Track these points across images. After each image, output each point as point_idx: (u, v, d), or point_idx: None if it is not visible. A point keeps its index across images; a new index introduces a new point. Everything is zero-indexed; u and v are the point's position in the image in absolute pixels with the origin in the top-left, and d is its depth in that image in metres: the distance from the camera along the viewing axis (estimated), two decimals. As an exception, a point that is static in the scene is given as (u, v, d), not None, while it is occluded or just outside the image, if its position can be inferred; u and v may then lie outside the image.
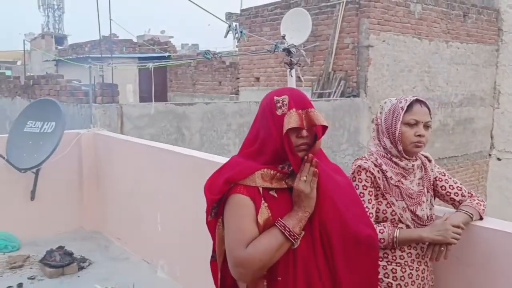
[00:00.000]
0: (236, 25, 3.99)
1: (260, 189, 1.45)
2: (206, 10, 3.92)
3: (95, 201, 5.02)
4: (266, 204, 1.45)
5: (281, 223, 1.41)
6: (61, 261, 4.00)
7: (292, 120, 1.42)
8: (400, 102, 1.90)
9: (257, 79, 10.09)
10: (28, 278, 3.89)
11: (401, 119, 1.87)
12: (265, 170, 1.46)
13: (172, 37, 24.52)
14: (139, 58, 13.02)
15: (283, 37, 8.92)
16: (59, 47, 22.72)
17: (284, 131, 1.42)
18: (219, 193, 1.47)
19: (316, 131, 1.47)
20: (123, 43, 15.83)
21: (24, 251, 4.41)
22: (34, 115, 4.85)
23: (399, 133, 1.87)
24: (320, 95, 8.58)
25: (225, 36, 4.02)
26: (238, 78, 10.67)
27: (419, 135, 1.87)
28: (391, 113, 1.91)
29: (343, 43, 8.52)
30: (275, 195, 1.47)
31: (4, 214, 4.55)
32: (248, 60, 10.24)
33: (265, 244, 1.39)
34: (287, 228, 1.40)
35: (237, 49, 11.22)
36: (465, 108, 10.31)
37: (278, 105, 1.46)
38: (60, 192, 4.88)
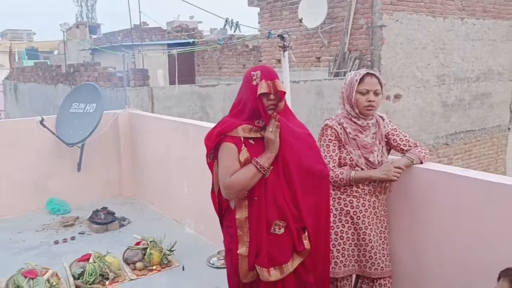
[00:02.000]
0: (231, 19, 4.64)
1: (242, 138, 2.11)
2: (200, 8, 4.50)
3: (131, 171, 5.78)
4: (245, 148, 2.10)
5: (255, 160, 2.07)
6: (105, 219, 4.76)
7: (262, 87, 2.06)
8: (356, 75, 2.49)
9: (278, 61, 10.61)
10: (79, 233, 4.67)
11: (355, 88, 2.46)
12: (245, 125, 2.11)
13: (201, 22, 25.14)
14: (168, 45, 13.72)
15: (300, 20, 9.44)
16: (94, 36, 23.71)
17: (257, 95, 2.04)
18: (214, 142, 2.14)
19: (281, 95, 2.09)
20: (153, 31, 16.61)
21: (74, 213, 5.22)
22: (77, 98, 5.60)
23: (354, 99, 2.47)
24: (337, 74, 9.06)
25: (224, 27, 4.69)
26: (260, 61, 11.24)
27: (369, 101, 2.45)
28: (349, 84, 2.51)
29: (357, 24, 8.93)
30: (252, 142, 2.12)
31: (56, 183, 5.39)
32: (270, 44, 10.78)
33: (243, 174, 2.05)
34: (259, 163, 2.05)
35: (259, 33, 11.75)
36: (482, 83, 10.50)
37: (254, 77, 2.09)
38: (101, 164, 5.67)
